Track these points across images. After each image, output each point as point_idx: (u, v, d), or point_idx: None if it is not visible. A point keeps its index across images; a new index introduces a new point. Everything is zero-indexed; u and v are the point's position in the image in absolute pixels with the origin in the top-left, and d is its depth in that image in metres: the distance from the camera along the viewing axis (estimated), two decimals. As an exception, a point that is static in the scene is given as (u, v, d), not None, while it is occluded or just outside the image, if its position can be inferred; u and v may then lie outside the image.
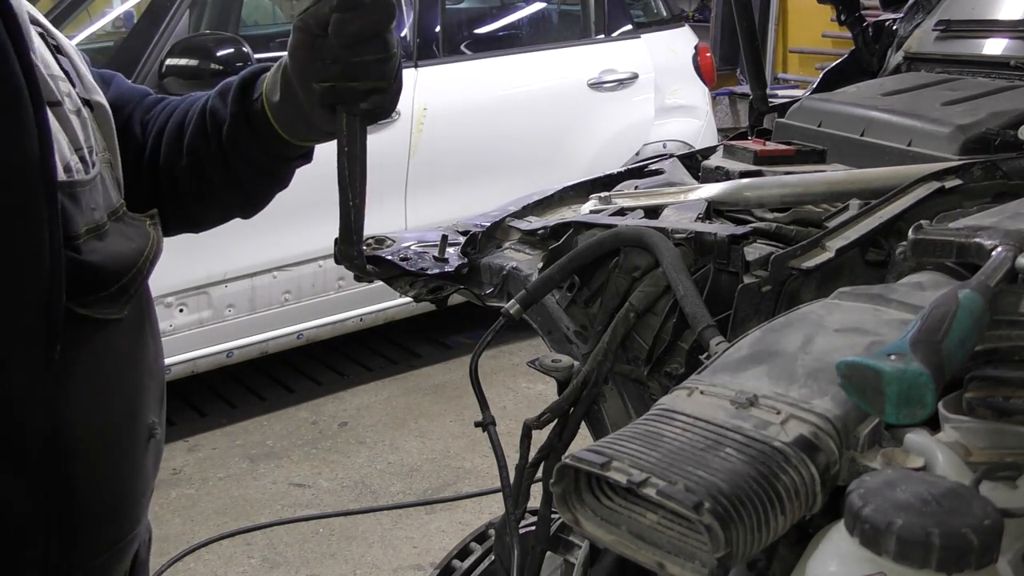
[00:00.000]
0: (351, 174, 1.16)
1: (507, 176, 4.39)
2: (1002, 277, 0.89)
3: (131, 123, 1.25)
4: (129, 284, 1.07)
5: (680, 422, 0.82)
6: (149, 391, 1.16)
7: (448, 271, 1.45)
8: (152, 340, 1.18)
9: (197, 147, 1.21)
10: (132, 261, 1.08)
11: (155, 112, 1.26)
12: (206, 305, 3.84)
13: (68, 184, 0.99)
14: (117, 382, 1.10)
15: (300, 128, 1.16)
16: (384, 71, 1.07)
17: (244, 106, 1.17)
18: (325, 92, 1.08)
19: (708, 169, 1.63)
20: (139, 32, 3.89)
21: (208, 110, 1.21)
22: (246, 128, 1.18)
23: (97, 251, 1.02)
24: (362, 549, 3.27)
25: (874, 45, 2.24)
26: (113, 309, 1.05)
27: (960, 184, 1.38)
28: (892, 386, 0.75)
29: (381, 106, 1.10)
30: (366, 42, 1.05)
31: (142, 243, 1.11)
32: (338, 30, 1.03)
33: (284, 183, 1.28)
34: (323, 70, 1.07)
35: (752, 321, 1.16)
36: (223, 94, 1.20)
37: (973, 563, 0.64)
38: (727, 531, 0.70)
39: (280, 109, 1.14)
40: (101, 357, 1.06)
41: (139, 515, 1.17)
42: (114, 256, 1.05)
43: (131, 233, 1.10)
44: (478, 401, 1.28)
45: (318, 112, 1.11)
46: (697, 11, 8.80)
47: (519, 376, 4.28)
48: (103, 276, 1.04)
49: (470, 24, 4.95)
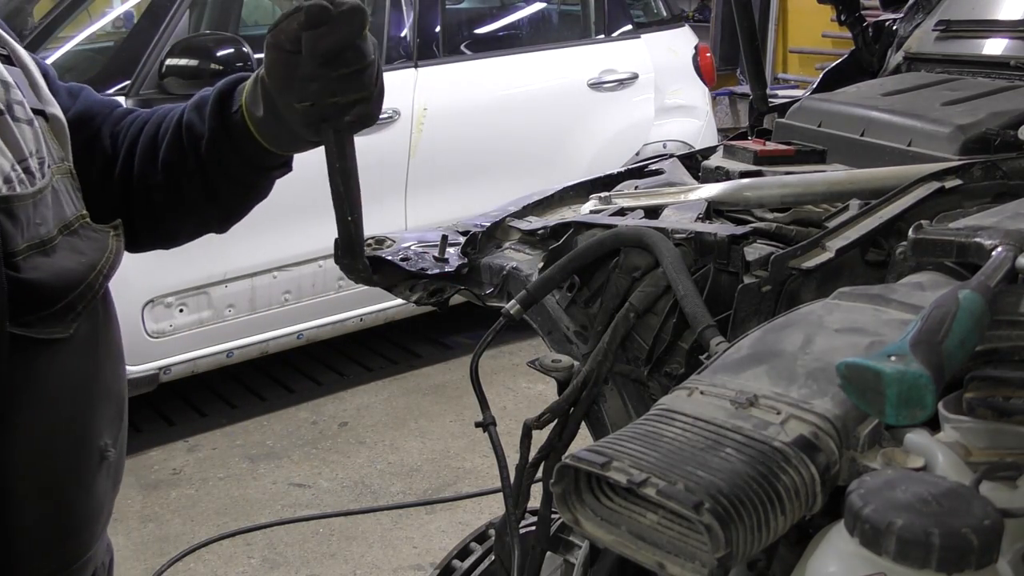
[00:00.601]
0: (345, 188, 1.15)
1: (507, 176, 4.39)
2: (1002, 277, 0.89)
3: (100, 135, 1.22)
4: (76, 301, 1.02)
5: (680, 422, 0.82)
6: (100, 412, 1.10)
7: (448, 271, 1.45)
8: (108, 359, 1.12)
9: (172, 161, 1.19)
10: (81, 277, 1.03)
11: (125, 124, 1.23)
12: (206, 305, 3.84)
13: (3, 199, 0.95)
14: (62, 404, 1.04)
15: (285, 141, 1.14)
16: (363, 81, 1.05)
17: (223, 119, 1.15)
18: (307, 111, 1.05)
19: (708, 169, 1.63)
20: (139, 32, 3.89)
21: (184, 124, 1.18)
22: (226, 142, 1.15)
23: (40, 268, 0.98)
24: (362, 549, 3.27)
25: (874, 45, 2.24)
26: (58, 328, 1.01)
27: (960, 184, 1.38)
28: (892, 387, 0.75)
29: (365, 116, 1.08)
30: (341, 55, 1.02)
31: (95, 257, 1.06)
32: (311, 48, 1.01)
33: (264, 194, 1.26)
34: (302, 90, 1.04)
35: (752, 321, 1.16)
36: (199, 108, 1.17)
37: (973, 563, 0.64)
38: (727, 531, 0.70)
39: (264, 123, 1.12)
40: (43, 378, 1.01)
41: (89, 540, 1.12)
42: (59, 273, 1.01)
43: (84, 247, 1.06)
44: (478, 401, 1.28)
45: (303, 130, 1.09)
46: (697, 11, 8.80)
47: (519, 376, 4.28)
48: (46, 294, 0.99)
49: (470, 24, 4.95)
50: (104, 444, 1.11)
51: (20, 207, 0.97)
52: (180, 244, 1.32)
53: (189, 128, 1.18)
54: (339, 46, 1.01)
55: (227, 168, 1.18)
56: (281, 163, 1.21)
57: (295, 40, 1.02)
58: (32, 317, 0.98)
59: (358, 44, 1.03)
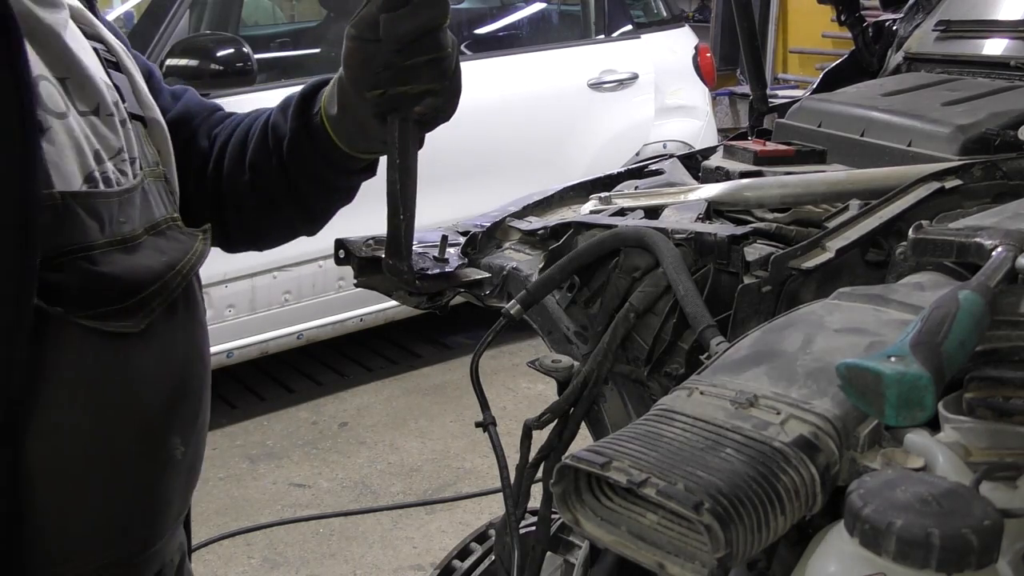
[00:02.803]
0: (403, 187, 1.10)
1: (507, 176, 4.39)
2: (1002, 277, 0.89)
3: (197, 136, 1.24)
4: (151, 298, 1.03)
5: (680, 422, 0.82)
6: (171, 410, 1.09)
7: (448, 271, 1.45)
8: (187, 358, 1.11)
9: (258, 162, 1.20)
10: (158, 275, 1.04)
11: (223, 126, 1.25)
12: (206, 305, 3.84)
13: (84, 195, 0.97)
14: (127, 398, 1.03)
15: (359, 140, 1.13)
16: (437, 72, 1.03)
17: (304, 120, 1.15)
18: (377, 100, 1.04)
19: (708, 169, 1.63)
20: (139, 32, 3.90)
21: (270, 125, 1.19)
22: (307, 142, 1.15)
23: (117, 263, 0.99)
24: (362, 549, 3.27)
25: (874, 45, 2.23)
26: (129, 323, 1.01)
27: (960, 184, 1.38)
28: (892, 388, 0.74)
29: (436, 110, 1.05)
30: (418, 42, 1.00)
31: (176, 256, 1.07)
32: (389, 32, 0.99)
33: (348, 198, 1.25)
34: (374, 77, 1.02)
35: (752, 321, 1.16)
36: (284, 108, 1.18)
37: (973, 563, 0.64)
38: (727, 531, 0.70)
39: (339, 121, 1.11)
40: (108, 371, 1.01)
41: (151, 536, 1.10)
42: (136, 269, 1.01)
43: (168, 247, 1.06)
44: (478, 401, 1.28)
45: (372, 122, 1.07)
46: (697, 11, 8.80)
47: (519, 376, 4.28)
48: (119, 288, 1.00)
49: (470, 24, 4.95)
50: (173, 443, 1.09)
51: (103, 204, 0.99)
52: (272, 245, 1.33)
53: (274, 129, 1.18)
54: (417, 32, 0.99)
55: (308, 169, 1.18)
56: (363, 166, 1.20)
57: (374, 26, 1.00)
58: (106, 310, 0.99)
59: (435, 33, 1.01)
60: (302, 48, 5.11)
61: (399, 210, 1.12)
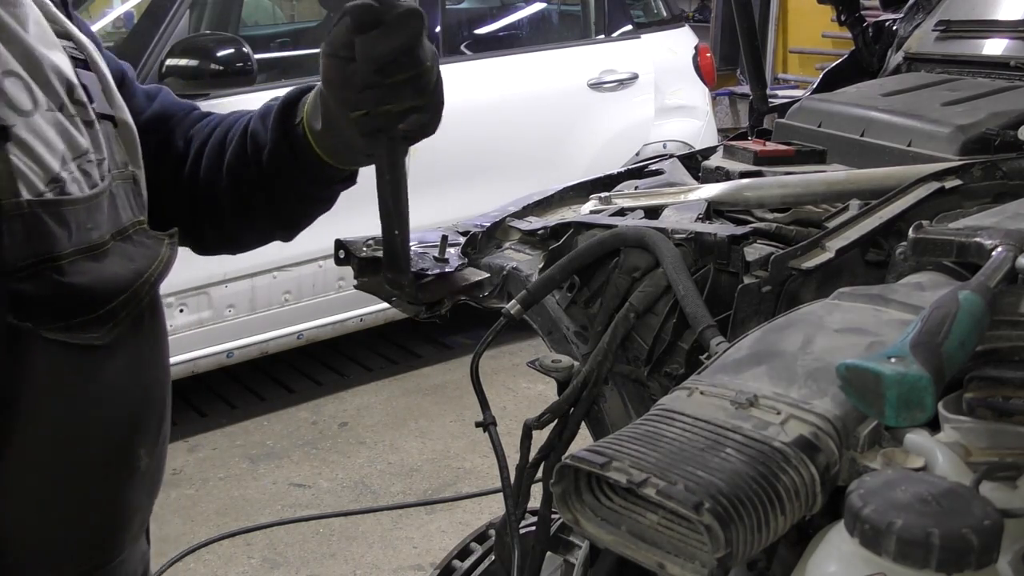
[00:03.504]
0: (394, 202, 1.10)
1: (507, 176, 4.38)
2: (1002, 277, 0.89)
3: (173, 136, 1.22)
4: (119, 308, 1.01)
5: (680, 422, 0.82)
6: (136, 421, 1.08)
7: (448, 271, 1.45)
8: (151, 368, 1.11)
9: (236, 168, 1.18)
10: (127, 283, 1.02)
11: (199, 127, 1.24)
12: (206, 305, 3.84)
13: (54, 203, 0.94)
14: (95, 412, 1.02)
15: (344, 154, 1.13)
16: (419, 88, 1.01)
17: (285, 130, 1.14)
18: (361, 121, 1.03)
19: (708, 169, 1.63)
20: (139, 32, 3.90)
21: (249, 132, 1.18)
22: (288, 153, 1.14)
23: (87, 272, 0.97)
24: (362, 549, 3.27)
25: (874, 45, 2.24)
26: (97, 334, 0.99)
27: (960, 184, 1.38)
28: (892, 389, 0.75)
29: (420, 126, 1.04)
30: (396, 62, 0.99)
31: (144, 264, 1.05)
32: (364, 53, 0.98)
33: (327, 206, 1.25)
34: (356, 98, 1.01)
35: (752, 321, 1.16)
36: (264, 116, 1.17)
37: (973, 563, 0.64)
38: (727, 531, 0.70)
39: (322, 136, 1.11)
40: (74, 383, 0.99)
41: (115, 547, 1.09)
42: (105, 278, 0.99)
43: (136, 254, 1.04)
44: (479, 401, 1.28)
45: (358, 140, 1.06)
46: (697, 11, 8.80)
47: (519, 376, 4.28)
48: (90, 298, 0.97)
49: (470, 24, 4.95)
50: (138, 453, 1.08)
51: (71, 212, 0.96)
52: (247, 249, 1.31)
53: (253, 137, 1.17)
54: (393, 52, 0.98)
55: (288, 179, 1.17)
56: (344, 176, 1.19)
57: (348, 46, 0.99)
58: (73, 321, 0.97)
59: (413, 50, 0.99)
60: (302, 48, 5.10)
61: (393, 226, 1.12)
